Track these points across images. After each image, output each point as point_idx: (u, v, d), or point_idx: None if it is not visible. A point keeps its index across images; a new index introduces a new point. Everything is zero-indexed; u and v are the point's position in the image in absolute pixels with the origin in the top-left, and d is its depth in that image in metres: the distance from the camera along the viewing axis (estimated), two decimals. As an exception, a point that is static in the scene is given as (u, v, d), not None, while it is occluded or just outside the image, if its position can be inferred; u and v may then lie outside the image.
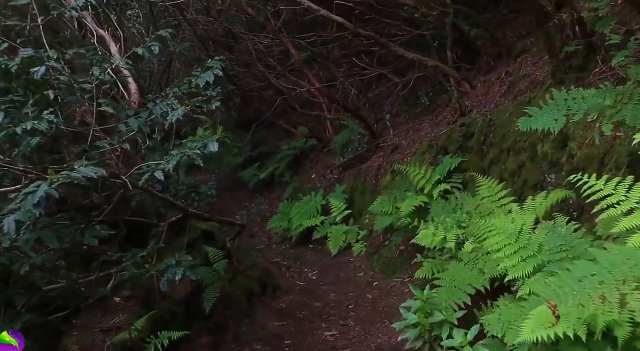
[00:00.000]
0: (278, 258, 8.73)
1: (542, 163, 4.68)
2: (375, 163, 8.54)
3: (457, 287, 4.25)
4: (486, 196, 4.99)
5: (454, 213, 5.22)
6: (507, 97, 6.17)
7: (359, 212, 8.46)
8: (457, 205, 5.47)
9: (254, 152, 13.40)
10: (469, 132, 6.16)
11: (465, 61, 7.96)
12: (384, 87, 10.65)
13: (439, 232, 4.83)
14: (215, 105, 5.26)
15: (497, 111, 5.95)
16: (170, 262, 3.70)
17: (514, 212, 4.48)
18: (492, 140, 5.73)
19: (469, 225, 4.88)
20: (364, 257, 7.65)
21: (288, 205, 9.61)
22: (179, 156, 3.48)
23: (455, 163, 6.15)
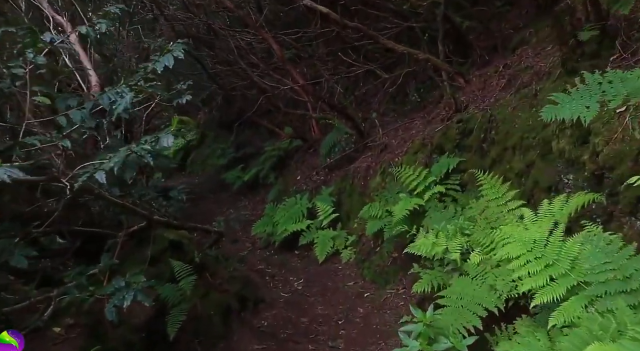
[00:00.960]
0: (262, 266, 7.91)
1: (557, 162, 3.95)
2: (363, 163, 7.78)
3: (464, 307, 3.50)
4: (492, 199, 4.25)
5: (455, 219, 4.48)
6: (508, 90, 5.45)
7: (347, 216, 7.69)
8: (457, 209, 4.72)
9: (238, 153, 12.56)
10: (467, 128, 5.43)
11: (457, 55, 7.24)
12: (371, 85, 9.90)
13: (439, 241, 4.08)
14: (186, 98, 4.47)
15: (498, 106, 5.23)
16: (119, 283, 2.89)
17: (527, 218, 3.73)
18: (494, 137, 5.00)
19: (473, 232, 4.14)
20: (353, 264, 6.88)
21: (272, 208, 8.81)
22: (126, 154, 2.67)
23: (453, 163, 5.41)
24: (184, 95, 4.49)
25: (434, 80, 7.77)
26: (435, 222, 4.59)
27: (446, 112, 6.42)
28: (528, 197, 4.32)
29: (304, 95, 9.46)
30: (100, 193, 3.46)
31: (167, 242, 4.15)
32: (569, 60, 4.45)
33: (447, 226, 4.29)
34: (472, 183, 5.30)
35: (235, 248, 9.00)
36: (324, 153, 8.85)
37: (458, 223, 4.19)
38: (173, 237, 4.20)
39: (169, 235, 4.20)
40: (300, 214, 7.99)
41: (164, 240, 4.15)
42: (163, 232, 4.21)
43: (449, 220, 4.53)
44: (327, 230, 7.48)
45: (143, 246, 3.98)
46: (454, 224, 4.19)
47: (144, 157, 2.65)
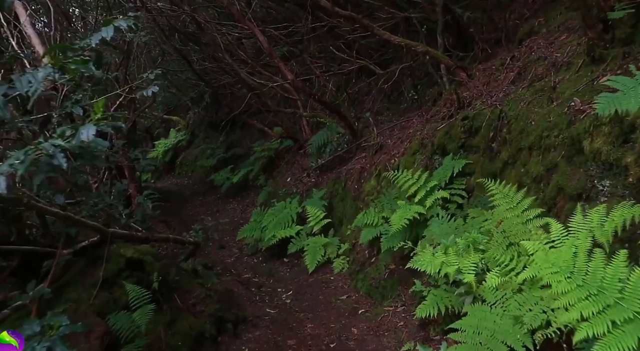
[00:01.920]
0: (248, 274, 7.14)
1: (588, 165, 3.20)
2: (357, 165, 7.01)
3: (484, 345, 2.74)
4: (508, 208, 3.49)
5: (465, 231, 3.72)
6: (518, 84, 4.71)
7: (340, 221, 6.92)
8: (466, 219, 3.96)
9: (227, 154, 11.80)
10: (473, 127, 4.68)
11: (458, 49, 6.49)
12: (364, 83, 9.13)
13: (450, 259, 3.32)
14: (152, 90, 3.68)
15: (509, 101, 4.48)
16: (33, 328, 2.10)
17: (555, 232, 2.98)
18: (506, 136, 4.25)
19: (489, 248, 3.38)
20: (346, 275, 6.12)
21: (261, 212, 8.03)
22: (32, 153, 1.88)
23: (458, 166, 4.66)
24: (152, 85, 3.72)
25: (432, 75, 7.01)
26: (442, 235, 3.83)
27: (447, 109, 5.67)
28: (549, 205, 3.58)
29: (293, 93, 8.69)
30: (30, 202, 2.68)
31: (124, 261, 3.35)
32: (596, 47, 3.71)
33: (456, 240, 3.52)
34: (480, 188, 4.55)
35: (222, 255, 8.22)
36: (314, 153, 8.07)
37: (470, 237, 3.43)
38: (132, 254, 3.41)
39: (127, 251, 3.40)
40: (290, 219, 7.22)
41: (120, 258, 3.36)
42: (120, 248, 3.41)
43: (459, 232, 3.77)
44: (318, 237, 6.71)
45: (96, 265, 3.19)
46: (465, 238, 3.43)
47: (55, 156, 1.86)
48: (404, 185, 4.96)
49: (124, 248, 3.40)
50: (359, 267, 5.86)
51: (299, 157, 9.31)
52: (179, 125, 14.07)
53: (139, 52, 8.80)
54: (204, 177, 12.22)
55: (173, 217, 10.41)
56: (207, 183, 11.95)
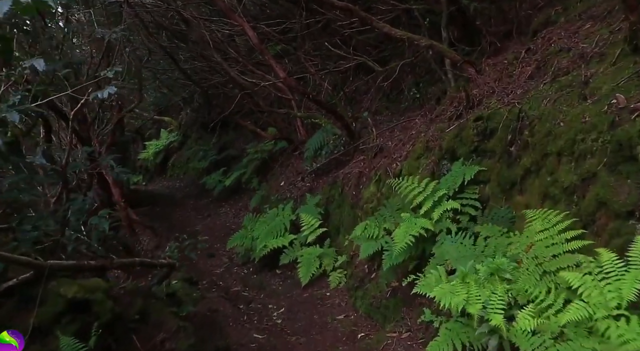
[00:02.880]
0: (238, 287, 6.46)
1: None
2: (354, 169, 6.33)
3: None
4: (540, 230, 2.82)
5: (484, 254, 3.04)
6: (539, 79, 4.03)
7: (337, 230, 6.25)
8: (486, 239, 3.28)
9: (220, 156, 11.09)
10: (487, 128, 4.00)
11: (464, 43, 5.81)
12: (362, 81, 8.45)
13: (472, 292, 2.63)
14: (109, 91, 3.00)
15: (530, 98, 3.80)
16: None
17: (606, 262, 2.31)
18: (528, 139, 3.57)
19: (517, 278, 2.70)
20: (343, 290, 5.44)
21: (252, 219, 7.34)
22: None
23: (471, 173, 3.98)
24: (108, 86, 3.03)
25: (436, 72, 6.34)
26: (458, 259, 3.15)
27: (455, 108, 4.99)
28: (585, 222, 2.91)
29: (287, 92, 7.99)
30: None
31: (64, 302, 2.65)
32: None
33: (476, 266, 2.84)
34: (496, 198, 3.88)
35: (210, 265, 7.54)
36: (309, 156, 7.38)
37: (493, 263, 2.75)
38: (75, 293, 2.70)
39: (69, 290, 2.68)
40: (283, 228, 6.53)
41: (60, 299, 2.65)
42: (61, 286, 2.69)
43: (476, 254, 3.09)
44: (312, 248, 6.03)
45: (29, 309, 2.51)
46: (488, 265, 2.75)
47: None
48: (408, 194, 4.28)
49: (65, 285, 2.68)
50: (357, 283, 5.19)
51: (294, 159, 8.63)
52: (171, 126, 13.36)
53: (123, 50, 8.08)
54: (196, 179, 11.52)
55: (162, 222, 9.72)
56: (199, 186, 11.25)
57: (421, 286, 3.30)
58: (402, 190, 4.48)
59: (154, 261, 3.95)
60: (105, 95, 2.96)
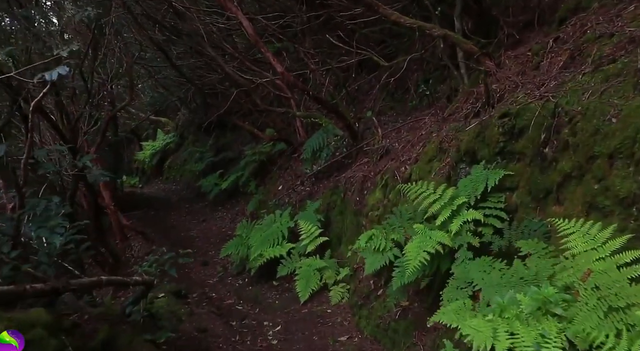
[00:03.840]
0: (232, 300, 5.83)
1: None
2: (358, 172, 5.70)
3: None
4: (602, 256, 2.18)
5: (527, 281, 2.40)
6: (575, 69, 3.40)
7: (338, 239, 5.61)
8: (524, 260, 2.63)
9: (217, 158, 10.46)
10: (516, 126, 3.36)
11: (479, 34, 5.17)
12: (364, 80, 7.83)
13: (517, 331, 1.98)
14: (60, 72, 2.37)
15: (567, 91, 3.16)
16: None
17: None
18: (569, 138, 2.93)
19: (574, 315, 2.06)
20: (346, 307, 4.81)
21: (247, 225, 6.70)
22: None
23: (495, 177, 3.34)
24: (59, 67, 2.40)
25: (446, 68, 5.72)
26: (491, 286, 2.50)
27: (472, 105, 4.36)
28: (649, 241, 2.27)
29: (286, 90, 7.37)
30: None
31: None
32: None
33: (517, 296, 2.20)
34: (526, 208, 3.24)
35: (204, 274, 6.91)
36: (308, 158, 6.75)
37: (540, 294, 2.11)
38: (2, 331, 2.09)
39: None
40: (280, 235, 5.89)
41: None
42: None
43: (514, 282, 2.45)
44: (312, 259, 5.39)
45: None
46: (534, 296, 2.11)
47: None
48: (422, 202, 3.64)
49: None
50: (362, 300, 4.55)
51: (293, 162, 8.00)
52: (168, 126, 12.73)
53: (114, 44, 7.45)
54: (192, 182, 10.90)
55: (156, 226, 9.09)
56: (195, 189, 10.63)
57: (442, 315, 2.67)
58: (413, 196, 3.84)
59: (125, 279, 3.32)
60: (54, 76, 2.34)
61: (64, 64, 2.46)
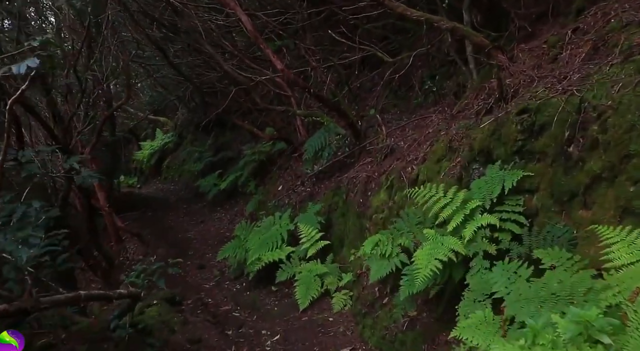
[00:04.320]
0: (228, 306, 5.51)
1: None
2: (361, 173, 5.37)
3: None
4: None
5: (560, 298, 2.07)
6: (601, 60, 3.07)
7: (340, 243, 5.29)
8: (562, 278, 2.29)
9: (215, 157, 10.12)
10: (536, 123, 3.03)
11: (488, 28, 4.83)
12: (366, 77, 7.50)
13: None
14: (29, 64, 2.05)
15: (593, 84, 2.84)
16: None
17: None
18: (598, 136, 2.61)
19: (623, 343, 1.72)
20: (348, 315, 4.48)
21: (245, 227, 6.37)
22: None
23: (513, 179, 3.02)
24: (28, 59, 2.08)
25: (453, 63, 5.40)
26: (517, 303, 2.17)
27: (484, 101, 4.03)
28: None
29: (286, 88, 7.04)
30: None
31: None
32: None
33: (552, 317, 1.87)
34: (549, 212, 2.91)
35: (200, 278, 6.59)
36: (309, 158, 6.43)
37: (581, 317, 1.77)
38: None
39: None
40: (279, 239, 5.56)
41: None
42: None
43: (543, 296, 2.12)
44: (313, 263, 5.07)
45: None
46: (574, 319, 1.77)
47: None
48: (433, 206, 3.31)
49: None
50: (366, 308, 4.22)
51: (293, 162, 7.67)
52: (167, 126, 12.40)
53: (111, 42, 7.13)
54: (191, 182, 10.57)
55: (153, 228, 8.78)
56: (193, 189, 10.30)
57: (462, 330, 2.37)
58: (420, 199, 3.52)
59: (108, 293, 2.99)
60: (22, 69, 2.02)
61: (34, 56, 2.14)
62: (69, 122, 6.58)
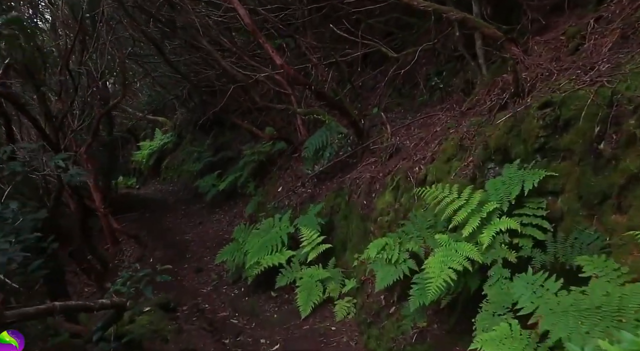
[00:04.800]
0: (226, 312, 5.19)
1: None
2: (364, 173, 5.05)
3: None
4: None
5: (605, 315, 1.75)
6: (632, 50, 2.76)
7: (343, 246, 4.96)
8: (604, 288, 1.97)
9: (215, 158, 9.79)
10: (561, 117, 2.71)
11: (499, 20, 4.49)
12: (368, 75, 7.19)
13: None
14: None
15: (626, 75, 2.52)
16: None
17: None
18: (636, 131, 2.29)
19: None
20: (352, 324, 4.15)
21: (245, 229, 6.05)
22: None
23: (534, 179, 2.70)
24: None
25: (461, 58, 5.08)
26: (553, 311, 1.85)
27: (497, 96, 3.72)
28: None
29: (286, 86, 6.72)
30: None
31: None
32: None
33: (599, 342, 1.55)
34: (576, 216, 2.59)
35: (197, 282, 6.27)
36: (309, 157, 6.11)
37: (637, 343, 1.45)
38: None
39: None
40: (279, 242, 5.24)
41: None
42: None
43: (588, 314, 1.80)
44: (314, 268, 4.75)
45: None
46: (629, 347, 1.46)
47: None
48: (445, 208, 3.00)
49: None
50: (371, 317, 3.90)
51: (293, 162, 7.35)
52: (166, 126, 12.09)
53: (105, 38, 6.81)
54: (190, 182, 10.24)
55: (150, 229, 8.46)
56: (192, 190, 9.97)
57: (483, 343, 2.07)
58: (431, 199, 3.21)
59: (88, 304, 2.66)
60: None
61: None
62: (62, 119, 6.27)
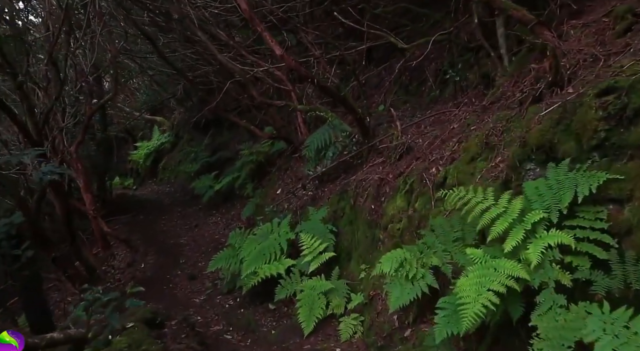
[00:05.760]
0: (219, 326, 4.57)
1: None
2: (372, 175, 4.45)
3: None
4: None
5: None
6: None
7: (348, 255, 4.36)
8: None
9: (212, 158, 9.17)
10: (628, 107, 2.12)
11: (523, 5, 3.94)
12: (373, 72, 6.60)
13: None
14: None
15: None
16: None
17: None
18: None
19: None
20: (360, 346, 3.54)
21: (240, 234, 5.43)
22: None
23: (593, 183, 2.10)
24: None
25: (478, 50, 4.50)
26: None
27: (531, 86, 3.12)
28: None
29: (286, 81, 6.12)
30: None
31: None
32: None
33: None
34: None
35: (190, 290, 5.66)
36: (310, 156, 5.51)
37: None
38: None
39: None
40: (278, 249, 4.63)
41: None
42: None
43: None
44: (316, 279, 4.13)
45: None
46: None
47: None
48: (480, 217, 2.39)
49: None
50: (382, 340, 3.29)
51: (293, 163, 6.75)
52: (164, 125, 11.48)
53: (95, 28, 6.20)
54: (187, 183, 9.61)
55: (143, 233, 7.84)
56: (189, 191, 9.35)
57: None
58: (455, 204, 2.61)
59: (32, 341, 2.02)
60: None
61: None
62: (46, 115, 5.66)
